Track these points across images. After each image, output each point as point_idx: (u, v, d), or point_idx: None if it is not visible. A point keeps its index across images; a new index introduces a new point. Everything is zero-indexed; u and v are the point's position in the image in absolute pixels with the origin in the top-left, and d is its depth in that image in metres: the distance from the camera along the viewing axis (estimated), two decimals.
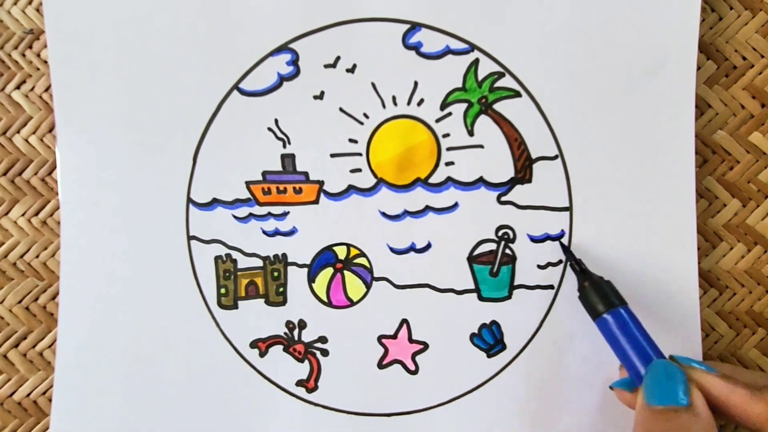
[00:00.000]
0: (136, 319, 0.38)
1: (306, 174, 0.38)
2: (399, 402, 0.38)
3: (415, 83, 0.37)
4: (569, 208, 0.38)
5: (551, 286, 0.38)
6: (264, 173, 0.38)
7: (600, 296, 0.34)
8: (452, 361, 0.38)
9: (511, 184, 0.38)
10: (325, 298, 0.38)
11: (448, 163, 0.38)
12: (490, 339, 0.38)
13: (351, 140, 0.38)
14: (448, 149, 0.38)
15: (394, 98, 0.38)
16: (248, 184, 0.38)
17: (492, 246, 0.38)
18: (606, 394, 0.37)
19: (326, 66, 0.37)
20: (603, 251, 0.38)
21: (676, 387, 0.31)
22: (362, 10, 0.37)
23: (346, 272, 0.38)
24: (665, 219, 0.37)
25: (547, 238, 0.38)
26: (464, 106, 0.38)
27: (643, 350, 0.33)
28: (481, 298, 0.38)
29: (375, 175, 0.38)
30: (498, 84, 0.37)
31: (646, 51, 0.37)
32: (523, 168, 0.38)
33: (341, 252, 0.38)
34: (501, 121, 0.38)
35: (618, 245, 0.37)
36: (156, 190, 0.38)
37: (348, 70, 0.37)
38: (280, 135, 0.38)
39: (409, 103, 0.38)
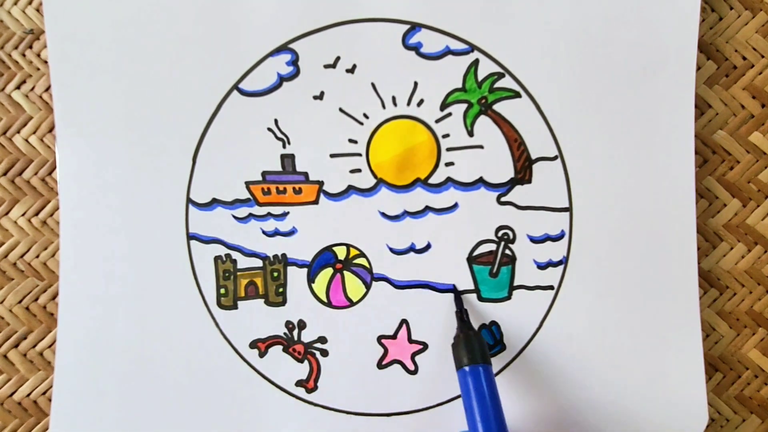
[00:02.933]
0: (136, 319, 0.38)
1: (306, 174, 0.38)
2: (398, 402, 0.38)
3: (415, 84, 0.37)
4: (569, 209, 0.38)
5: (551, 287, 0.38)
6: (264, 173, 0.38)
7: (468, 349, 0.35)
8: (452, 362, 0.38)
9: (510, 184, 0.38)
10: (324, 299, 0.38)
11: (447, 164, 0.38)
12: (489, 339, 0.38)
13: (351, 140, 0.38)
14: (448, 150, 0.38)
15: (393, 98, 0.37)
16: (248, 184, 0.38)
17: (492, 246, 0.38)
18: (606, 394, 0.37)
19: (326, 66, 0.37)
20: (603, 251, 0.38)
21: None
22: (362, 11, 0.37)
23: (345, 272, 0.38)
24: (665, 219, 0.37)
25: (547, 238, 0.38)
26: (464, 106, 0.38)
27: (486, 414, 0.33)
28: (480, 299, 0.38)
29: (375, 176, 0.38)
30: (498, 84, 0.37)
31: (645, 51, 0.37)
32: (523, 168, 0.38)
33: (341, 252, 0.38)
34: (501, 121, 0.37)
35: (618, 245, 0.37)
36: (155, 190, 0.38)
37: (348, 71, 0.37)
38: (279, 135, 0.38)
39: (408, 103, 0.37)
